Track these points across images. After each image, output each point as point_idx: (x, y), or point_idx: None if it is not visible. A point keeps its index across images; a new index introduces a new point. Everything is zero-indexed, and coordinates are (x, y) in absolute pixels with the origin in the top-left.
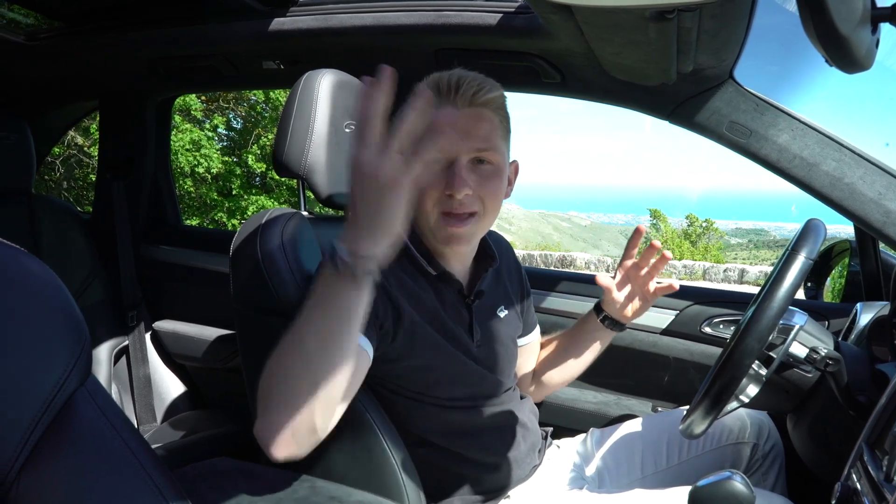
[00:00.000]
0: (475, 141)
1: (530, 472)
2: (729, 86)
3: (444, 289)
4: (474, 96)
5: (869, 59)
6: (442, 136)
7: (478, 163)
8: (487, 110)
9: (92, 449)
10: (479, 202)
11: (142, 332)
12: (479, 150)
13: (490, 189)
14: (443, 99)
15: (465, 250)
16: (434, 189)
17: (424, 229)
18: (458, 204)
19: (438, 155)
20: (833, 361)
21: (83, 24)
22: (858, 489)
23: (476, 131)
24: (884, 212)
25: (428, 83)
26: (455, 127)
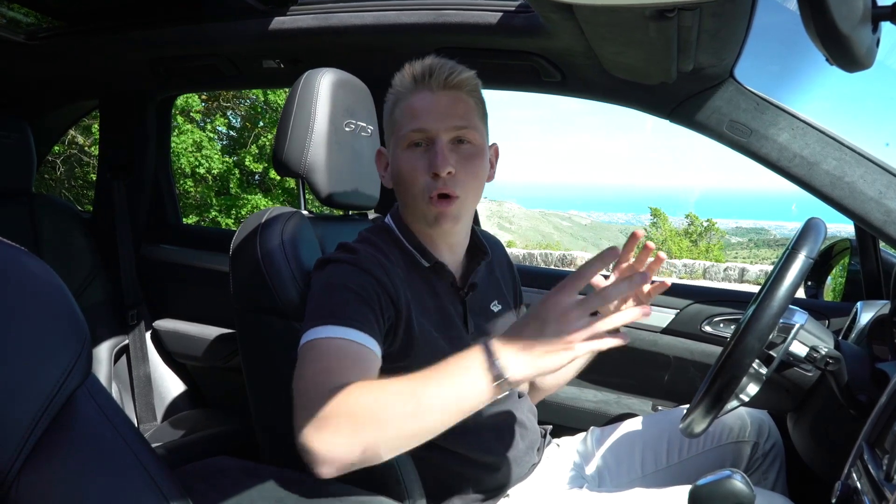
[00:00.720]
0: (453, 119)
1: (529, 470)
2: (729, 85)
3: (436, 281)
4: (448, 79)
5: (869, 58)
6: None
7: (458, 143)
8: (462, 92)
9: (92, 448)
10: (461, 185)
11: (142, 331)
12: (458, 128)
13: (471, 168)
14: (418, 85)
15: (454, 234)
16: (419, 173)
17: (415, 216)
18: (442, 183)
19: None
20: (833, 360)
21: (83, 24)
22: (859, 488)
23: (454, 111)
24: (884, 211)
25: (402, 73)
26: (432, 108)
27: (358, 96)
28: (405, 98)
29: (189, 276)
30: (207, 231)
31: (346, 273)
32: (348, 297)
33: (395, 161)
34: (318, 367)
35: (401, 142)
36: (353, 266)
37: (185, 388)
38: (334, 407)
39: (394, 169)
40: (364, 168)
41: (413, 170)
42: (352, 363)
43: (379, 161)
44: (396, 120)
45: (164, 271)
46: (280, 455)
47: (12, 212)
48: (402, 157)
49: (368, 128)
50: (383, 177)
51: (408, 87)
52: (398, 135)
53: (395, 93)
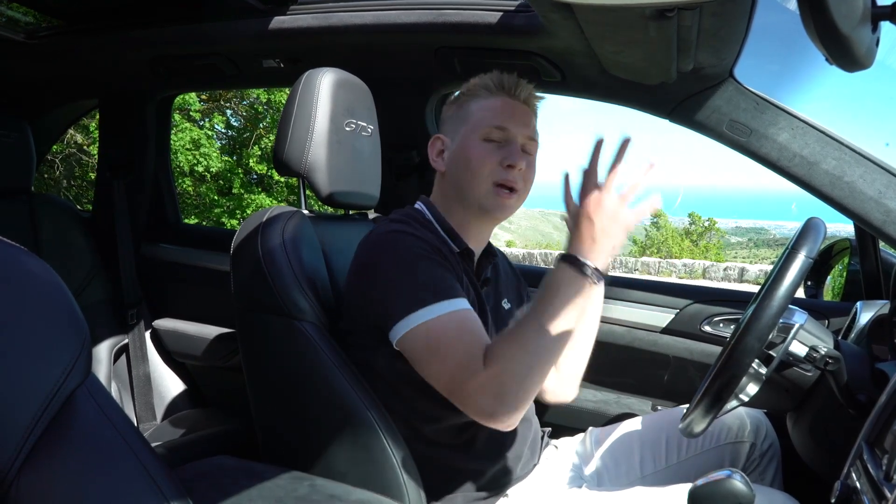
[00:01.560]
0: (530, 129)
1: (530, 470)
2: (729, 84)
3: (464, 268)
4: (529, 96)
5: (869, 58)
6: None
7: (524, 153)
8: (532, 111)
9: (92, 447)
10: (523, 181)
11: (142, 330)
12: (531, 138)
13: (530, 175)
14: (501, 91)
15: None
16: (490, 161)
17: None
18: (513, 176)
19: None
20: (833, 360)
21: (83, 23)
22: (858, 488)
23: (530, 122)
24: (884, 210)
25: (484, 77)
26: (515, 113)
27: (358, 96)
28: (486, 97)
29: (189, 275)
30: (207, 230)
31: (421, 245)
32: (438, 270)
33: (466, 148)
34: (456, 344)
35: (476, 132)
36: (420, 239)
37: (185, 387)
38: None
39: (461, 154)
40: (364, 167)
41: (485, 157)
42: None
43: (433, 146)
44: (473, 113)
45: (164, 271)
46: (280, 454)
47: (12, 211)
48: (476, 146)
49: (369, 127)
50: (435, 161)
51: (490, 88)
52: (475, 126)
53: (473, 90)
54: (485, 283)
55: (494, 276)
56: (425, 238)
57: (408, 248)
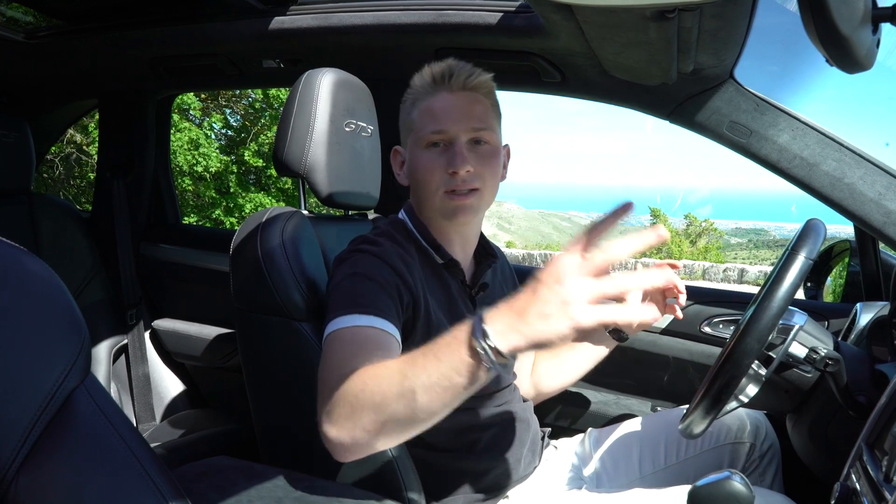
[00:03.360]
0: (472, 121)
1: (530, 472)
2: (729, 85)
3: (449, 279)
4: (466, 80)
5: (870, 59)
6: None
7: (475, 143)
8: (479, 94)
9: (91, 447)
10: (479, 179)
11: (141, 330)
12: (476, 129)
13: (489, 167)
14: (437, 86)
15: (468, 231)
16: (437, 170)
17: (430, 212)
18: (460, 181)
19: (438, 138)
20: (833, 361)
21: (83, 23)
22: (858, 489)
23: (472, 112)
24: (884, 212)
25: (421, 75)
26: (451, 109)
27: (358, 96)
28: (424, 99)
29: (188, 275)
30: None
31: (368, 263)
32: (372, 287)
33: (413, 160)
34: (338, 356)
35: (420, 142)
36: (375, 257)
37: (184, 387)
38: (340, 393)
39: (411, 167)
40: (364, 168)
41: (431, 168)
42: (374, 348)
43: (395, 159)
44: (414, 120)
45: (164, 271)
46: (279, 455)
47: (11, 211)
48: (421, 156)
49: (368, 128)
50: (399, 175)
51: (427, 87)
52: (417, 135)
53: (414, 93)
54: (482, 289)
55: (494, 279)
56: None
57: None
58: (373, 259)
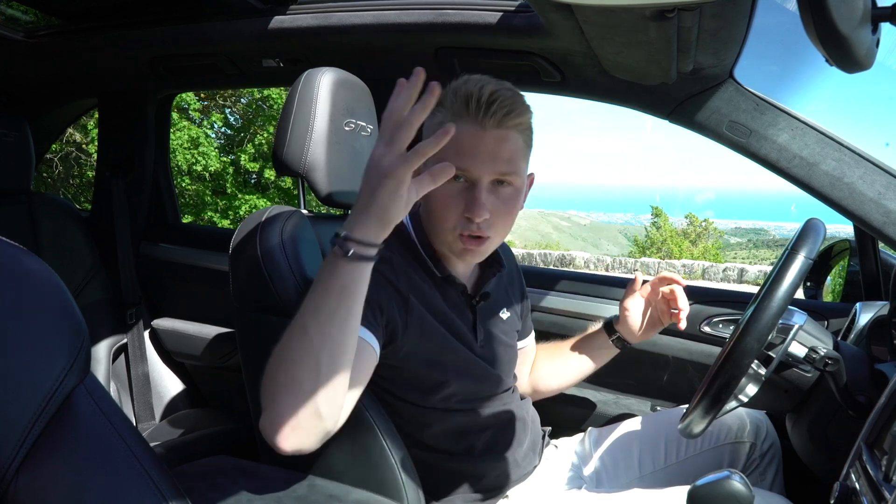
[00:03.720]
0: (499, 164)
1: (530, 471)
2: (729, 85)
3: (448, 289)
4: (503, 119)
5: (869, 59)
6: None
7: (498, 184)
8: (514, 132)
9: (90, 447)
10: (493, 228)
11: (140, 330)
12: (502, 173)
13: (507, 210)
14: (469, 114)
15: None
16: (454, 208)
17: (439, 241)
18: (475, 227)
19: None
20: (832, 361)
21: (83, 22)
22: (857, 489)
23: (501, 154)
24: (883, 211)
25: (456, 93)
26: (479, 149)
27: (358, 96)
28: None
29: (188, 275)
30: (207, 230)
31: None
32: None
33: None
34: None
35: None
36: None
37: (184, 387)
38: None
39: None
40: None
41: (448, 204)
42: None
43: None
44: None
45: (163, 270)
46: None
47: (11, 211)
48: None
49: (368, 127)
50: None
51: (458, 112)
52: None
53: (444, 114)
54: (483, 298)
55: (496, 284)
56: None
57: None
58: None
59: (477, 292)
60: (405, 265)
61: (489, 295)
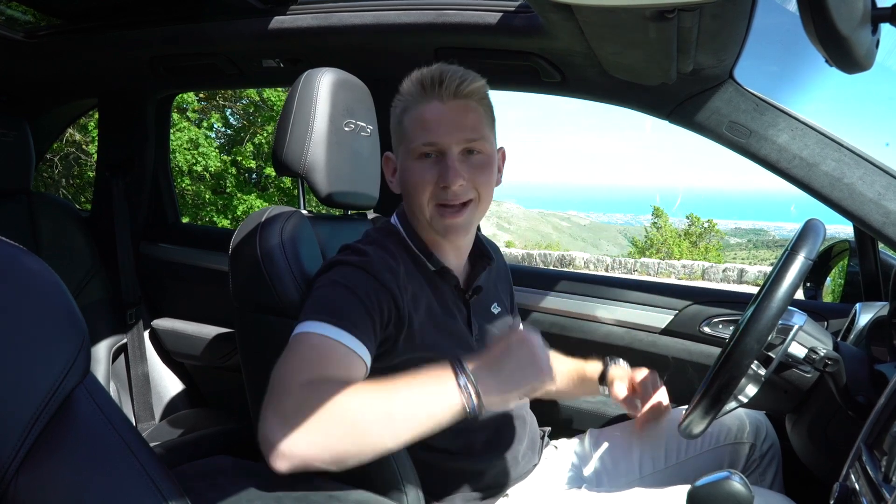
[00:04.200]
0: (464, 132)
1: (530, 470)
2: (729, 86)
3: (441, 284)
4: (458, 88)
5: (869, 60)
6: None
7: (468, 153)
8: (472, 101)
9: (90, 447)
10: (473, 190)
11: (140, 330)
12: (468, 140)
13: (483, 178)
14: (427, 94)
15: (462, 241)
16: (428, 183)
17: (422, 224)
18: (452, 195)
19: (429, 149)
20: (832, 362)
21: (82, 22)
22: (857, 489)
23: (464, 122)
24: (883, 212)
25: (411, 80)
26: (442, 120)
27: (358, 96)
28: (414, 107)
29: (188, 275)
30: (207, 230)
31: (354, 276)
32: (351, 301)
33: (405, 171)
34: (300, 359)
35: (411, 152)
36: (362, 270)
37: (184, 387)
38: (305, 403)
39: (403, 178)
40: (363, 168)
41: (423, 180)
42: (336, 364)
43: (387, 166)
44: (406, 129)
45: (163, 270)
46: None
47: (11, 210)
48: (412, 167)
49: (368, 127)
50: (391, 182)
51: (416, 95)
52: (408, 146)
53: (404, 100)
54: (475, 292)
55: (489, 279)
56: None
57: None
58: (357, 272)
59: (469, 286)
60: (401, 266)
61: (481, 289)
